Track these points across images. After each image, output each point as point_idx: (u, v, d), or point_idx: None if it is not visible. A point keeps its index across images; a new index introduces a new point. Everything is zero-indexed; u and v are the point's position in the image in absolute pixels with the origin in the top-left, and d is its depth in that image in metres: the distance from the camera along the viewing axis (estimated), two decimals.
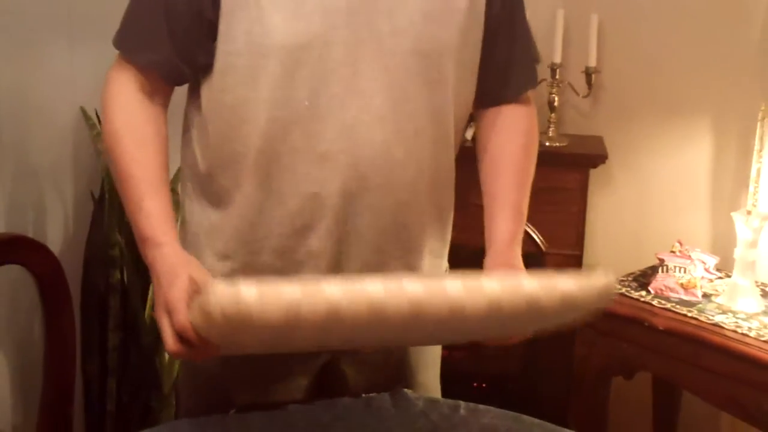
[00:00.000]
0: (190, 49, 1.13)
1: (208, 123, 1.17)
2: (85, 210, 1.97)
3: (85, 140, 1.98)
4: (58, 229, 1.94)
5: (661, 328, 1.85)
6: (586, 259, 2.40)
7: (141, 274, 1.86)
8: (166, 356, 1.93)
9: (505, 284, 0.87)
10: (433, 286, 0.84)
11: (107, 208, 1.89)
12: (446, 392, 1.36)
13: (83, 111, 1.94)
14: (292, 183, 1.13)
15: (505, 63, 1.26)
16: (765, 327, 1.81)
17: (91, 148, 1.99)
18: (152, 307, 1.85)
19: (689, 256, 2.01)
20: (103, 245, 1.91)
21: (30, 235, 1.79)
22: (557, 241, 2.32)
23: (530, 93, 1.33)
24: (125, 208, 1.13)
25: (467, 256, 1.25)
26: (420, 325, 0.86)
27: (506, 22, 1.24)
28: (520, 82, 1.30)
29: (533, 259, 2.41)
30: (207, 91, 1.15)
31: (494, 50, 1.23)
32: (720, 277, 2.06)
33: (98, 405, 1.96)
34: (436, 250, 1.28)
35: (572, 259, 2.35)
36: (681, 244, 2.06)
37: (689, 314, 1.87)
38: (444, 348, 2.29)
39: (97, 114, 1.91)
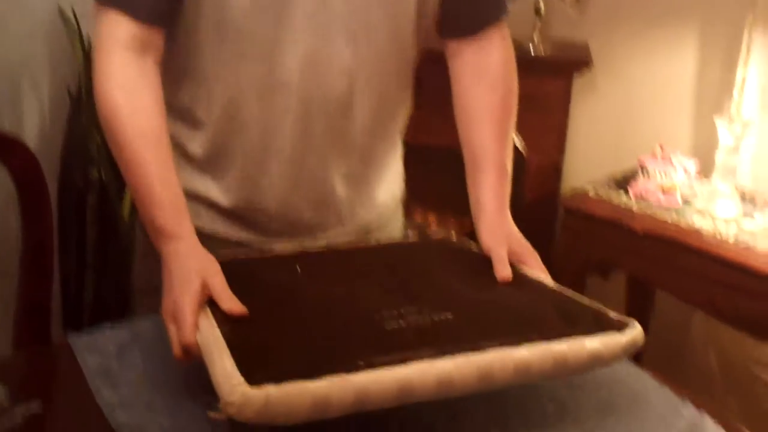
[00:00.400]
0: None
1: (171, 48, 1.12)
2: (62, 107, 1.94)
3: (61, 38, 1.94)
4: (33, 125, 1.92)
5: (639, 232, 1.85)
6: (566, 164, 2.39)
7: (118, 172, 1.83)
8: None
9: (533, 349, 0.87)
10: (463, 362, 0.84)
11: (84, 106, 1.86)
12: None
13: (60, 11, 1.89)
14: (253, 114, 1.12)
15: None
16: (743, 231, 1.81)
17: (68, 47, 1.95)
18: (131, 213, 1.84)
19: (670, 160, 2.00)
20: (80, 142, 1.89)
21: (6, 129, 1.76)
22: (539, 147, 2.31)
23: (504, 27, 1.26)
24: (132, 194, 1.07)
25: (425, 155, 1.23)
26: (448, 393, 0.85)
27: None
28: (487, 11, 1.23)
29: (516, 164, 2.43)
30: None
31: None
32: (700, 180, 2.06)
33: (76, 299, 1.97)
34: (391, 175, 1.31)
35: (553, 165, 2.35)
36: (662, 148, 2.06)
37: (669, 219, 1.87)
38: None
39: (74, 13, 1.86)
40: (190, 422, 0.91)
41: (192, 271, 0.96)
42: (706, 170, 2.07)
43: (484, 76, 1.22)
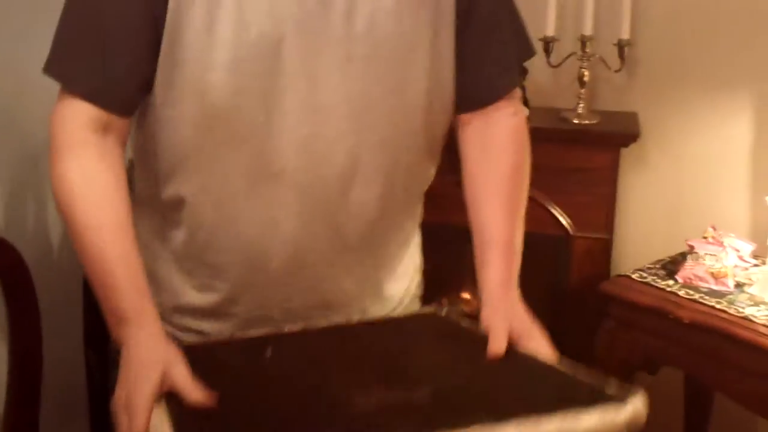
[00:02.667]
0: (140, 67, 1.03)
1: (151, 142, 1.09)
2: None
3: None
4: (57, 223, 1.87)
5: (686, 321, 1.73)
6: (615, 244, 2.27)
7: None
8: None
9: (519, 427, 0.81)
10: None
11: None
12: None
13: None
14: (246, 207, 1.07)
15: (477, 60, 1.15)
16: None
17: None
18: None
19: (722, 242, 1.89)
20: None
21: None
22: (585, 224, 2.24)
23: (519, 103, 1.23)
24: (89, 277, 1.03)
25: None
26: None
27: (480, 15, 1.14)
28: (495, 84, 1.18)
29: (560, 243, 2.32)
30: (150, 106, 1.07)
31: (465, 47, 1.13)
32: (756, 265, 1.92)
33: (101, 396, 1.92)
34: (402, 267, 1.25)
35: (600, 243, 2.24)
36: (714, 229, 1.95)
37: (717, 306, 1.76)
38: None
39: None
40: None
41: (151, 362, 0.92)
42: (763, 254, 1.93)
43: (491, 148, 1.18)
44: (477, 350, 1.01)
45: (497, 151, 1.18)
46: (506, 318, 1.05)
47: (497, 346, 1.01)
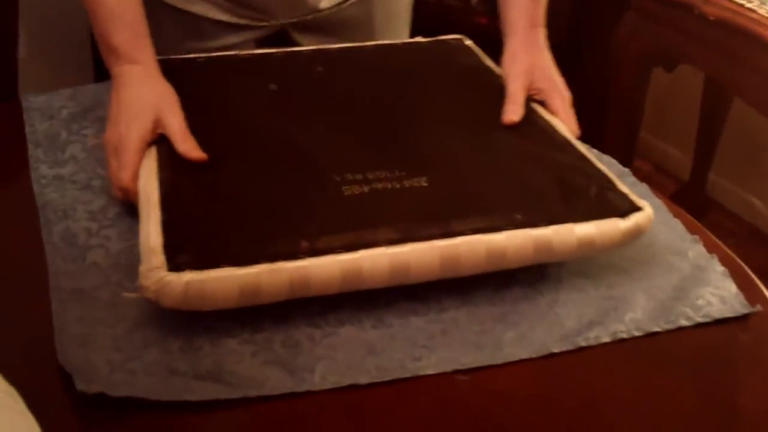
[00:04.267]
0: None
1: None
2: None
3: None
4: None
5: (711, 17, 1.64)
6: None
7: None
8: None
9: (511, 236, 0.76)
10: (424, 249, 0.74)
11: None
12: None
13: None
14: None
15: None
16: None
17: None
18: None
19: None
20: None
21: None
22: None
23: None
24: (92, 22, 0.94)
25: None
26: (404, 281, 0.76)
27: None
28: None
29: None
30: None
31: None
32: None
33: None
34: None
35: None
36: None
37: (747, 4, 1.65)
38: (481, 15, 2.15)
39: None
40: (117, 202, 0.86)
41: (145, 103, 0.87)
42: None
43: None
44: (493, 115, 0.95)
45: None
46: (527, 72, 0.99)
47: (511, 114, 0.95)
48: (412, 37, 1.29)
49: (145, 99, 0.87)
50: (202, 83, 0.97)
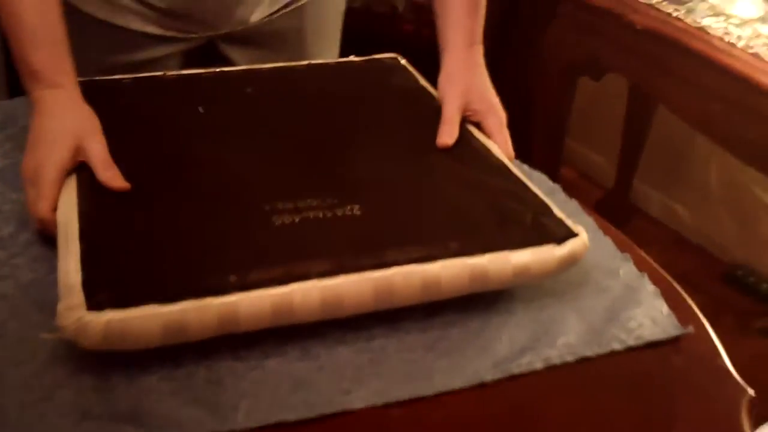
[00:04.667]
0: None
1: None
2: None
3: None
4: None
5: (638, 26, 1.66)
6: None
7: None
8: None
9: (446, 265, 0.74)
10: (357, 281, 0.71)
11: None
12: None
13: None
14: None
15: None
16: (757, 36, 1.61)
17: None
18: None
19: None
20: None
21: None
22: None
23: None
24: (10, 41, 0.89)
25: None
26: (336, 314, 0.74)
27: None
28: None
29: None
30: None
31: None
32: None
33: None
34: None
35: None
36: None
37: (674, 13, 1.68)
38: (408, 23, 2.14)
39: None
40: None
41: (65, 130, 0.83)
42: None
43: None
44: (427, 138, 0.93)
45: None
46: (463, 93, 0.97)
47: (447, 134, 0.93)
48: (342, 48, 1.27)
49: (64, 126, 0.83)
50: (128, 106, 0.93)
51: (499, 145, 0.94)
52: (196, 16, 1.10)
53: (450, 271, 0.74)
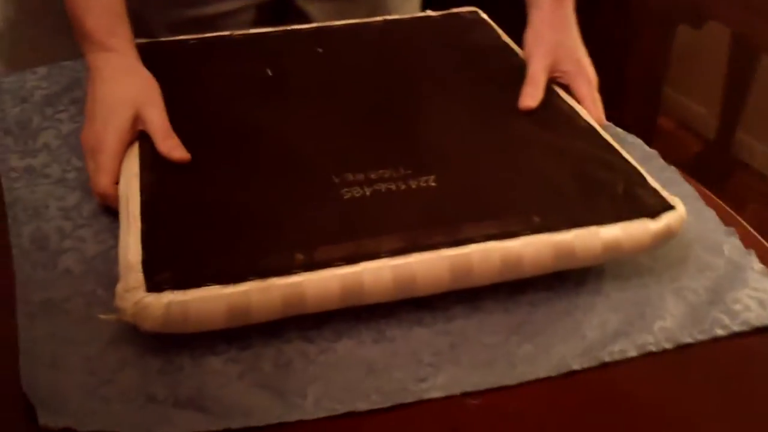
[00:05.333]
0: None
1: None
2: None
3: None
4: None
5: None
6: None
7: None
8: None
9: (529, 241, 0.68)
10: (432, 259, 0.67)
11: None
12: None
13: None
14: None
15: None
16: None
17: None
18: None
19: None
20: None
21: None
22: None
23: None
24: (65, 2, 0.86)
25: None
26: (412, 294, 0.69)
27: None
28: None
29: None
30: None
31: None
32: None
33: None
34: None
35: None
36: None
37: None
38: None
39: None
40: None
41: (123, 98, 0.80)
42: None
43: None
44: (510, 101, 0.87)
45: None
46: (550, 51, 0.91)
47: (528, 98, 0.87)
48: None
49: (122, 93, 0.80)
50: (191, 70, 0.90)
51: (588, 110, 0.88)
52: None
53: (532, 248, 0.69)
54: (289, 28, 0.99)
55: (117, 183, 0.76)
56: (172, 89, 0.83)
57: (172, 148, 0.77)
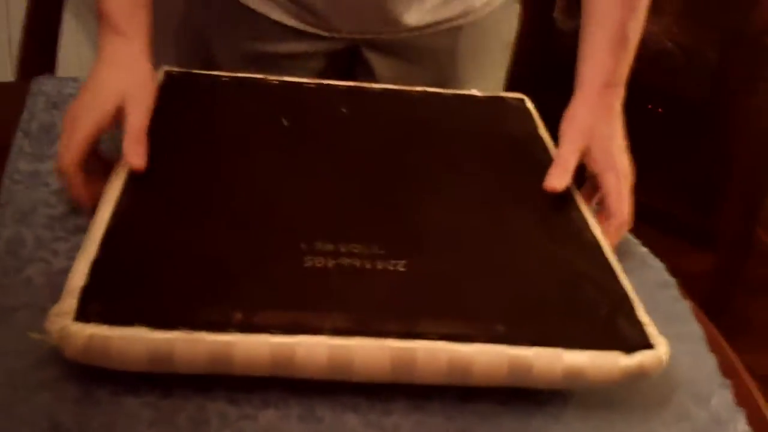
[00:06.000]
0: None
1: None
2: None
3: None
4: None
5: None
6: None
7: None
8: None
9: (483, 350, 0.65)
10: (373, 347, 0.64)
11: None
12: None
13: None
14: None
15: None
16: None
17: None
18: None
19: None
20: None
21: None
22: None
23: None
24: None
25: None
26: (347, 378, 0.66)
27: None
28: None
29: None
30: None
31: None
32: None
33: None
34: None
35: None
36: None
37: None
38: None
39: None
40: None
41: (112, 86, 0.80)
42: None
43: None
44: (524, 179, 0.85)
45: None
46: (584, 134, 0.87)
47: (557, 177, 0.84)
48: (508, 79, 1.19)
49: (112, 83, 0.81)
50: (206, 105, 0.90)
51: (611, 205, 0.83)
52: (332, 12, 1.06)
53: (485, 357, 0.65)
54: (324, 82, 0.99)
55: (79, 166, 0.76)
56: (178, 119, 0.83)
57: (135, 153, 0.77)
